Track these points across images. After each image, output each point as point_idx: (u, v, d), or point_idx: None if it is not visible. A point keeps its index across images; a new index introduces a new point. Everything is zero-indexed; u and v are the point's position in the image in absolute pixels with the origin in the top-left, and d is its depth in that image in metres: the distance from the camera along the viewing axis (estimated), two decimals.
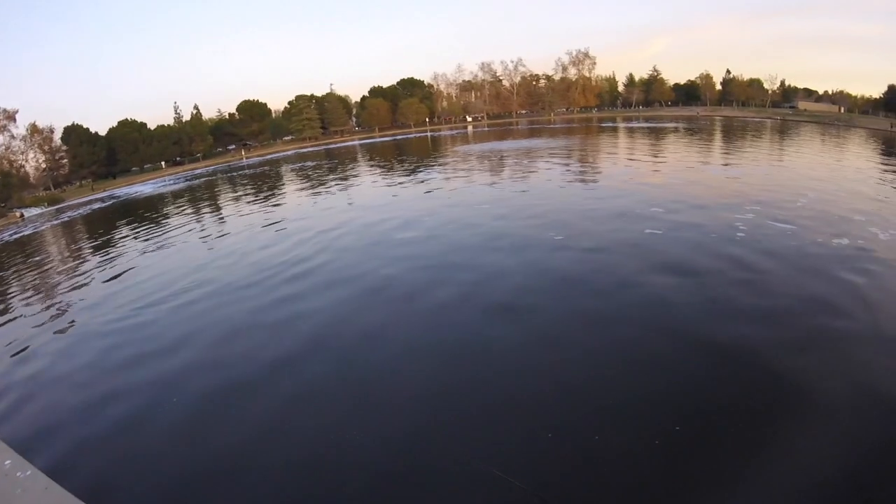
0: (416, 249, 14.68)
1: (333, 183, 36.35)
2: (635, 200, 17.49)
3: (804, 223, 13.65)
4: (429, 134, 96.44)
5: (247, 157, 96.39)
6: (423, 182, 30.47)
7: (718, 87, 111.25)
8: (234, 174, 60.68)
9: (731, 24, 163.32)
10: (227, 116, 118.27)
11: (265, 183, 45.28)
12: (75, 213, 51.13)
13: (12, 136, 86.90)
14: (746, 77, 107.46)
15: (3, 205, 68.59)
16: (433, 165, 39.38)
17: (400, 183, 31.37)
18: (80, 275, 19.91)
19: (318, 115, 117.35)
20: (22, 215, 60.34)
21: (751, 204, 15.70)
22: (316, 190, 33.66)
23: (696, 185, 19.84)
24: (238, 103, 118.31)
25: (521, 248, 13.59)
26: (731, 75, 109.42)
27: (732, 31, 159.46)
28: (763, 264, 10.75)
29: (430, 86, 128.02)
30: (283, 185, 41.49)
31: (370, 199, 25.78)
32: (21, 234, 41.78)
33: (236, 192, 41.87)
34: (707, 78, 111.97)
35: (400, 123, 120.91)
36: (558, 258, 12.45)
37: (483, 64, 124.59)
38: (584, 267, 11.71)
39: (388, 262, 13.93)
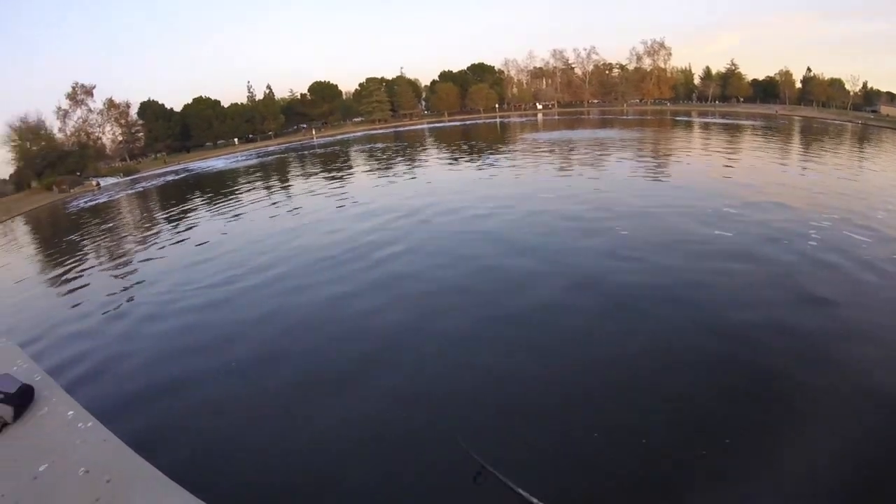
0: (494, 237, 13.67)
1: (404, 165, 35.22)
2: (706, 198, 16.42)
3: (882, 234, 12.21)
4: (498, 120, 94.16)
5: (317, 137, 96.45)
6: (491, 167, 29.23)
7: (798, 85, 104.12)
8: (306, 153, 60.14)
9: (806, 21, 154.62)
10: (298, 97, 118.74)
11: (337, 162, 44.34)
12: (149, 184, 51.56)
13: (90, 110, 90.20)
14: (827, 77, 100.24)
15: (79, 174, 70.35)
16: (504, 152, 37.58)
17: (471, 168, 30.02)
18: (150, 244, 19.56)
19: (388, 97, 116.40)
20: (98, 184, 61.53)
21: (827, 211, 14.22)
22: (389, 171, 32.37)
23: (772, 188, 17.72)
24: (309, 84, 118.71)
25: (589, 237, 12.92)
26: (812, 73, 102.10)
27: (809, 27, 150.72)
28: (821, 273, 9.87)
29: (501, 72, 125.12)
30: (353, 165, 40.38)
31: (445, 183, 24.50)
32: (97, 202, 42.28)
33: (309, 169, 41.04)
34: (787, 75, 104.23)
35: (469, 109, 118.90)
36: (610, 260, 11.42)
37: (555, 51, 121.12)
38: (633, 266, 10.91)
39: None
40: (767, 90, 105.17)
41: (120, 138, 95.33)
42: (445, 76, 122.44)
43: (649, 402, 6.23)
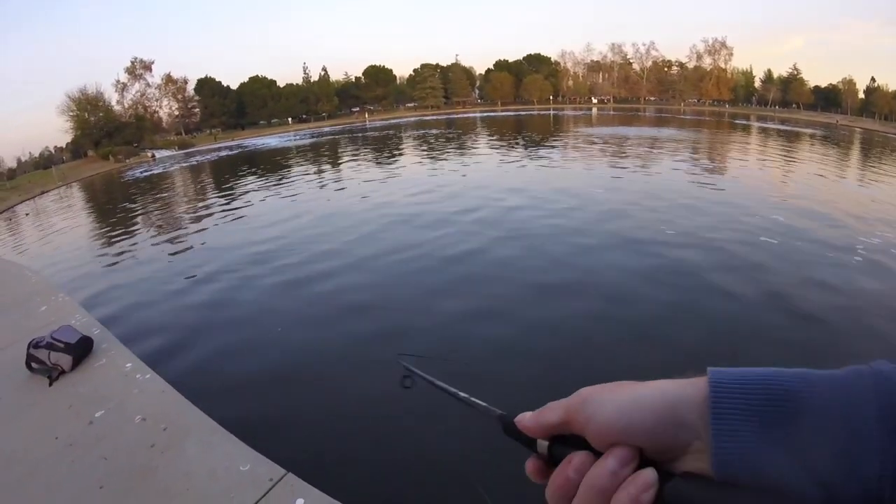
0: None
1: (456, 152, 34.34)
2: (757, 204, 15.40)
3: None
4: (552, 112, 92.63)
5: (370, 121, 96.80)
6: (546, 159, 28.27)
7: (861, 95, 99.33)
8: (359, 135, 60.06)
9: (874, 28, 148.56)
10: (352, 80, 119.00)
11: (388, 146, 43.65)
12: (203, 158, 51.99)
13: (147, 85, 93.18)
14: (892, 89, 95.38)
15: (136, 145, 72.02)
16: (556, 145, 36.13)
17: (526, 159, 29.19)
18: (202, 213, 19.46)
19: (442, 84, 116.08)
20: (153, 156, 62.89)
21: (881, 228, 12.96)
22: (439, 159, 31.44)
23: (825, 200, 16.52)
24: (364, 68, 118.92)
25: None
26: (876, 84, 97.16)
27: (876, 34, 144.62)
28: (851, 291, 8.79)
29: (557, 63, 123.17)
30: (402, 151, 39.35)
31: (503, 176, 23.42)
32: (151, 173, 42.93)
33: (365, 152, 40.72)
34: (850, 84, 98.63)
35: (523, 99, 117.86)
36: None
37: (613, 45, 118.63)
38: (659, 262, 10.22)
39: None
40: (829, 98, 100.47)
41: (176, 113, 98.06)
42: (500, 65, 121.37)
43: None
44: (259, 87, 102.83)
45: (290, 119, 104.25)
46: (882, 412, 0.39)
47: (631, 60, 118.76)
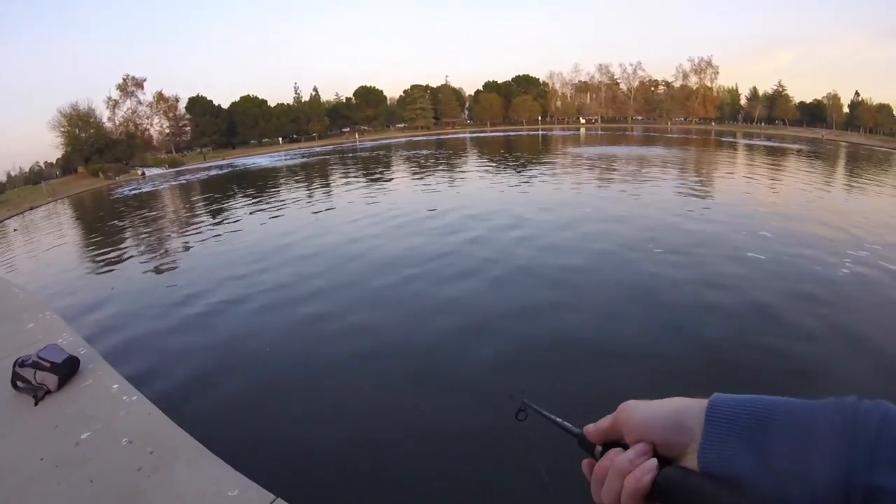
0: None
1: (446, 173, 34.90)
2: (743, 221, 15.68)
3: None
4: (540, 133, 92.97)
5: (360, 141, 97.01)
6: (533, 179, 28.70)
7: (845, 109, 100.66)
8: (349, 156, 60.11)
9: (862, 41, 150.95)
10: (343, 100, 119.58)
11: (378, 166, 43.82)
12: (193, 177, 51.76)
13: (139, 102, 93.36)
14: (875, 101, 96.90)
15: (126, 163, 71.85)
16: (546, 164, 36.69)
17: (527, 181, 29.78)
18: (191, 233, 19.37)
19: (432, 105, 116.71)
20: (143, 174, 62.68)
21: (868, 242, 13.07)
22: (432, 178, 31.78)
23: (812, 215, 16.83)
24: (355, 88, 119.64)
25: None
26: (860, 98, 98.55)
27: (862, 49, 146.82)
28: (842, 303, 9.00)
29: (545, 84, 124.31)
30: (393, 170, 39.78)
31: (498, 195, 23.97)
32: (140, 191, 42.69)
33: (357, 172, 40.93)
34: (834, 98, 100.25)
35: (511, 120, 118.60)
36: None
37: (601, 65, 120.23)
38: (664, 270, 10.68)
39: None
40: (814, 113, 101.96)
41: (167, 131, 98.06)
42: (490, 86, 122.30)
43: None
44: (250, 107, 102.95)
45: (280, 139, 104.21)
46: (835, 429, 0.48)
47: (618, 80, 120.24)
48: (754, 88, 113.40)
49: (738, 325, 8.06)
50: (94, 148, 72.77)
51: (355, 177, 35.73)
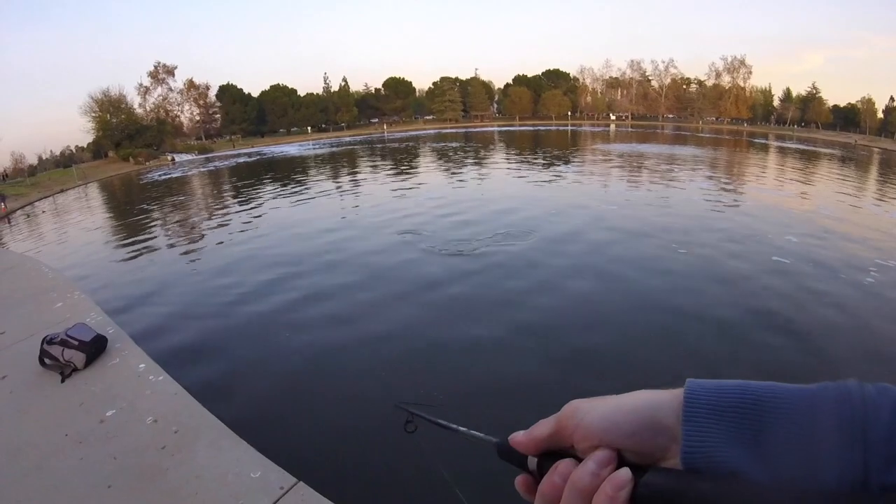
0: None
1: (473, 166, 34.73)
2: (771, 224, 15.50)
3: None
4: (570, 128, 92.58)
5: (388, 132, 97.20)
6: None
7: (880, 115, 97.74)
8: (377, 146, 60.33)
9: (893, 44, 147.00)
10: (372, 91, 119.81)
11: (407, 158, 43.87)
12: (222, 164, 52.38)
13: (170, 89, 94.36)
14: None
15: (156, 148, 72.79)
16: (575, 161, 36.42)
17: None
18: (218, 217, 19.74)
19: (461, 97, 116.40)
20: (173, 159, 63.56)
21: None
22: (461, 172, 31.69)
23: (841, 221, 16.50)
24: (384, 79, 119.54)
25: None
26: (895, 103, 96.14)
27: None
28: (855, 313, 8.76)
29: (576, 79, 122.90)
30: (421, 162, 39.76)
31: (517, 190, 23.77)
32: (170, 176, 43.25)
33: (384, 164, 41.05)
34: (869, 103, 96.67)
35: (541, 114, 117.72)
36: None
37: (632, 61, 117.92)
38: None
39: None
40: (848, 118, 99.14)
41: (197, 118, 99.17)
42: (519, 80, 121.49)
43: None
44: (280, 96, 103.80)
45: (308, 128, 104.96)
46: (842, 423, 0.41)
47: (650, 77, 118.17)
48: (788, 90, 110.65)
49: (746, 323, 8.16)
50: (124, 133, 73.82)
51: (382, 166, 35.81)
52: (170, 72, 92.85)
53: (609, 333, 7.80)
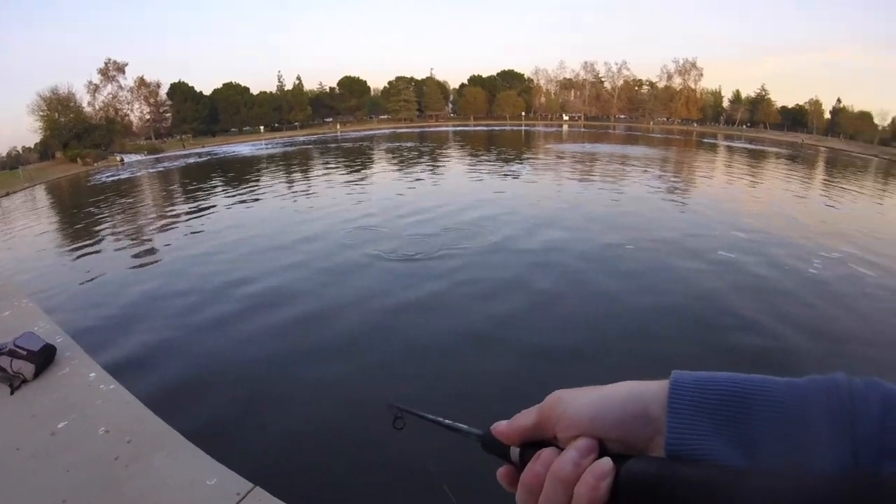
0: None
1: (428, 165, 35.20)
2: (717, 221, 16.28)
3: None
4: (523, 128, 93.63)
5: (342, 131, 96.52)
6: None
7: (827, 115, 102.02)
8: (330, 146, 59.93)
9: (850, 52, 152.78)
10: (327, 90, 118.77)
11: (359, 158, 43.92)
12: (172, 165, 51.30)
13: (120, 87, 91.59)
14: (857, 109, 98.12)
15: (105, 149, 70.95)
16: (529, 159, 37.20)
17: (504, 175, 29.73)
18: (167, 220, 19.51)
19: (416, 97, 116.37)
20: (122, 160, 62.05)
21: (844, 245, 13.69)
22: (412, 171, 31.94)
23: (787, 216, 17.36)
24: (339, 78, 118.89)
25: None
26: (841, 105, 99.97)
27: (848, 58, 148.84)
28: (810, 301, 9.48)
29: (530, 80, 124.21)
30: (373, 162, 40.03)
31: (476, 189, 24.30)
32: (118, 178, 42.24)
33: (337, 164, 40.75)
34: (816, 104, 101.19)
35: (495, 115, 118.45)
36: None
37: (586, 63, 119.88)
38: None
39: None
40: (796, 118, 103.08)
41: (148, 117, 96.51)
42: (474, 80, 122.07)
43: None
44: (232, 94, 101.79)
45: (261, 127, 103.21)
46: (830, 416, 0.40)
47: (603, 79, 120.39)
48: (737, 91, 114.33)
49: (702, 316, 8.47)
50: (72, 133, 71.64)
51: (336, 169, 35.69)
52: (120, 69, 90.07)
53: (567, 329, 8.15)
